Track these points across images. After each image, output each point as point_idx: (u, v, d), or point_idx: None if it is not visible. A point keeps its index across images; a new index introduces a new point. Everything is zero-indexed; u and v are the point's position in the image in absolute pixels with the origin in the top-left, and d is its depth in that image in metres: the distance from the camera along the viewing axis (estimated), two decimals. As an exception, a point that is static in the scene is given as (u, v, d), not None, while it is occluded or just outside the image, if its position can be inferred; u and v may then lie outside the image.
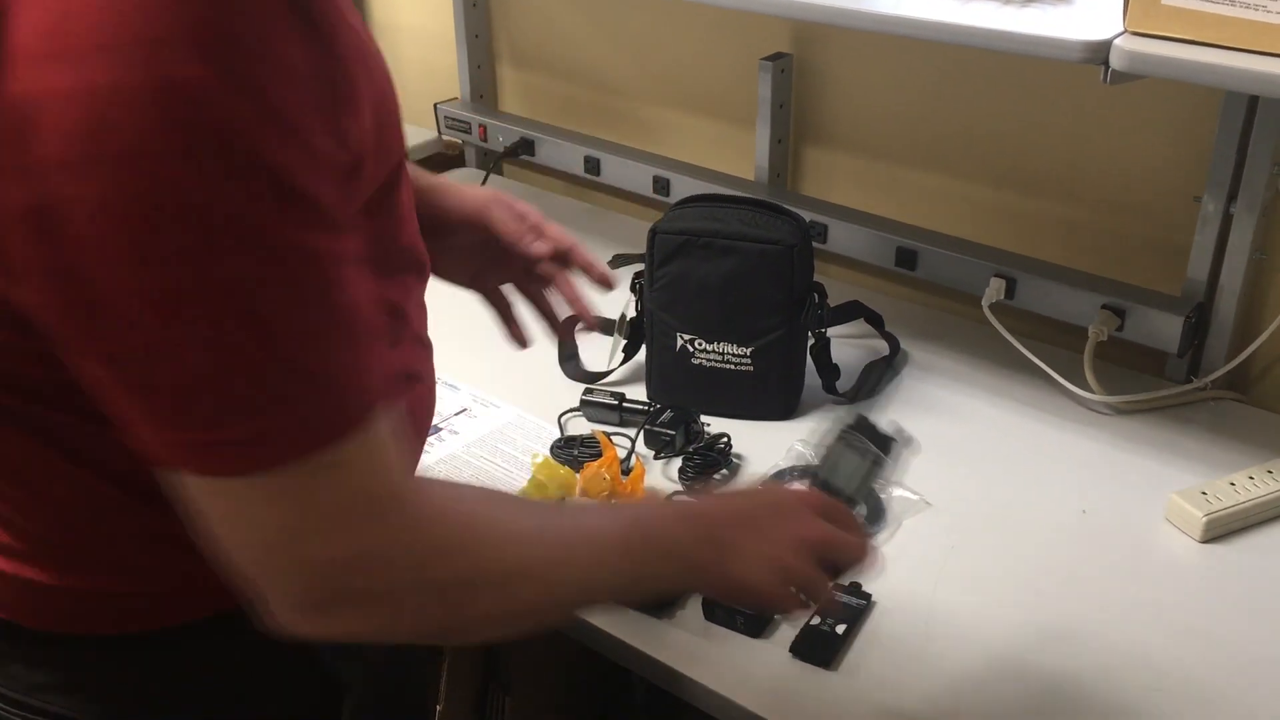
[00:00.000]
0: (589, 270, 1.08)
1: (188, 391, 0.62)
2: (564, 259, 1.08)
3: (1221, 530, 1.19)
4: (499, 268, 1.10)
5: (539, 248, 1.06)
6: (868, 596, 1.09)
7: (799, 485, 0.96)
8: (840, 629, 1.04)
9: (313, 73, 0.61)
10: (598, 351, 1.49)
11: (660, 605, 1.09)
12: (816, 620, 1.05)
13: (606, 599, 0.86)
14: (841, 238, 1.64)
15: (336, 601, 0.68)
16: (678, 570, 0.83)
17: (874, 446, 0.95)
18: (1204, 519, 1.18)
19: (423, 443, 0.95)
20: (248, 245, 0.59)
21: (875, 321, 1.52)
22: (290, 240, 0.61)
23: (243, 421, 0.63)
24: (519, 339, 1.13)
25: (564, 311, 1.13)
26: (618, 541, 0.80)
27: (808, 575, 0.84)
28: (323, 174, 0.62)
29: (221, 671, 0.84)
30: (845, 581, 1.05)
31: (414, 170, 1.04)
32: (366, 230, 0.72)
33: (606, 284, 1.08)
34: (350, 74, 0.65)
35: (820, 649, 1.03)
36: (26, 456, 0.75)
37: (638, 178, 1.82)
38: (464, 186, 1.07)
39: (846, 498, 0.92)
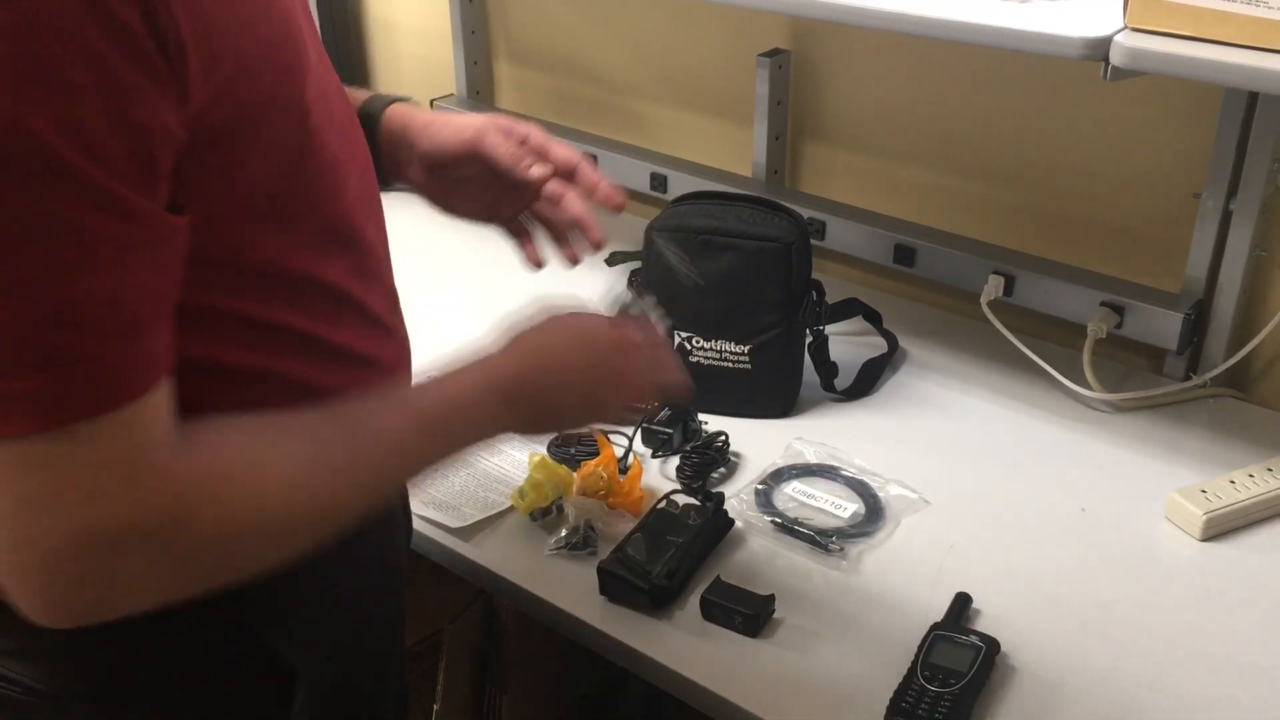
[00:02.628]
0: (593, 190, 1.03)
1: None
2: (570, 177, 1.03)
3: (1221, 528, 1.19)
4: (510, 197, 1.06)
5: (537, 171, 1.01)
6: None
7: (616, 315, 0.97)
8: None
9: (114, 57, 0.60)
10: (595, 349, 1.49)
11: (658, 603, 1.09)
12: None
13: (415, 475, 0.86)
14: (840, 235, 1.64)
15: (84, 582, 0.66)
16: (491, 432, 0.86)
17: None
18: (1203, 517, 1.18)
19: None
20: (16, 216, 0.59)
21: (873, 319, 1.52)
22: (52, 212, 0.60)
23: None
24: (533, 261, 1.09)
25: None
26: (417, 430, 0.81)
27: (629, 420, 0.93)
28: (110, 154, 0.61)
29: (171, 648, 0.83)
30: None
31: (411, 110, 1.03)
32: (269, 194, 0.72)
33: (614, 205, 1.02)
34: (200, 37, 0.64)
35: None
36: None
37: (635, 175, 1.82)
38: (461, 116, 1.03)
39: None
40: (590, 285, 1.11)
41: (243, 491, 0.71)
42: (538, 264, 1.09)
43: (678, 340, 1.36)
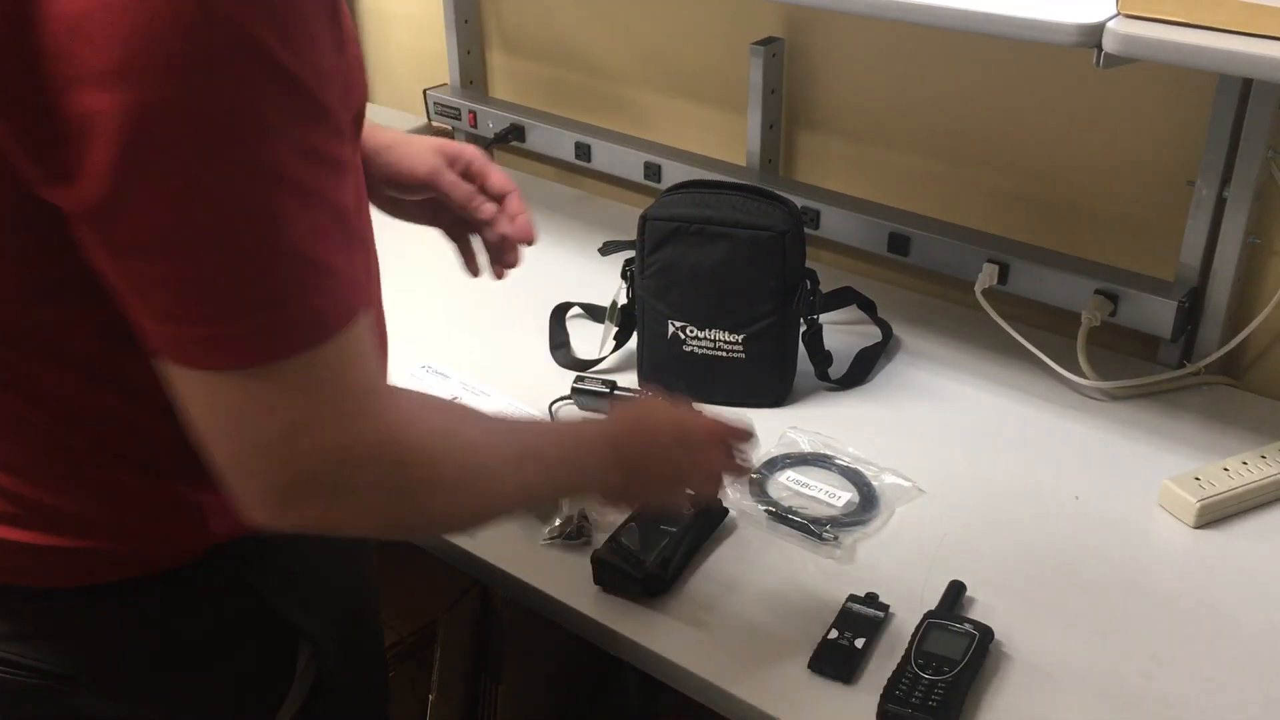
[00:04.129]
0: (513, 219, 1.12)
1: (193, 284, 0.65)
2: (500, 202, 1.13)
3: (1215, 516, 1.19)
4: (454, 217, 1.15)
5: (487, 210, 1.11)
6: (885, 608, 1.07)
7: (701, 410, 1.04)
8: (859, 642, 1.03)
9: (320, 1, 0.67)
10: (589, 339, 1.48)
11: (652, 592, 1.09)
12: (834, 634, 1.04)
13: (535, 504, 0.98)
14: (834, 224, 1.64)
15: (311, 494, 0.70)
16: (596, 482, 0.93)
17: None
18: (1197, 504, 1.18)
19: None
20: (263, 144, 0.63)
21: (868, 308, 1.52)
22: (302, 142, 0.65)
23: (245, 317, 0.65)
24: (472, 269, 1.18)
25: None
26: (556, 454, 0.89)
27: (702, 491, 1.02)
28: (331, 87, 0.67)
29: (175, 623, 0.85)
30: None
31: (371, 130, 1.07)
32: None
33: (523, 239, 1.12)
34: (343, 8, 0.71)
35: (840, 663, 1.02)
36: None
37: (629, 164, 1.81)
38: (413, 146, 1.11)
39: None
40: (585, 274, 1.11)
41: (446, 445, 0.77)
42: (475, 272, 1.17)
43: (671, 329, 1.36)
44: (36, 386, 0.76)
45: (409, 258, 1.29)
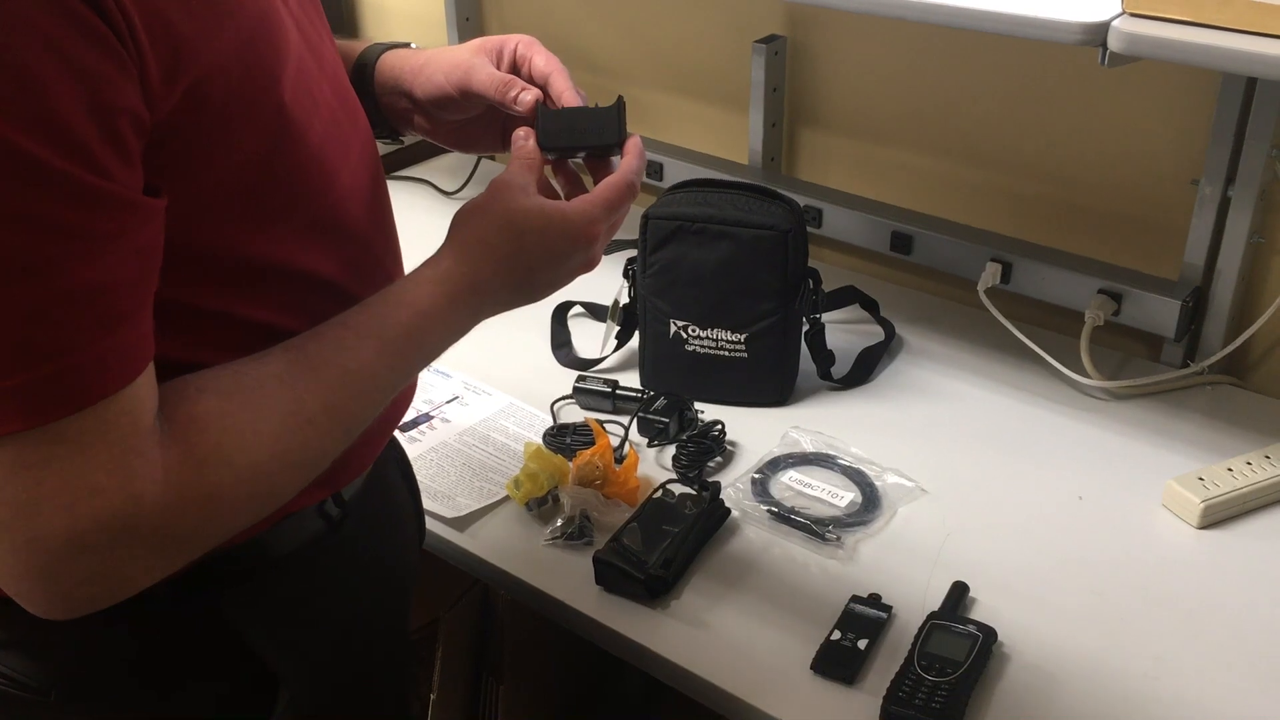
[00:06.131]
0: (558, 100, 0.97)
1: None
2: (544, 86, 0.98)
3: (1219, 516, 1.18)
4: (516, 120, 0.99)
5: (524, 100, 0.94)
6: (888, 609, 1.07)
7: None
8: (862, 644, 1.03)
9: (73, 44, 0.59)
10: (591, 338, 1.48)
11: (654, 592, 1.09)
12: (837, 635, 1.03)
13: (391, 397, 0.83)
14: (836, 222, 1.63)
15: (87, 579, 0.66)
16: (460, 336, 0.85)
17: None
18: (1201, 505, 1.17)
19: (391, 422, 0.94)
20: None
21: (870, 307, 1.52)
22: (26, 211, 0.59)
23: None
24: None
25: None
26: (390, 360, 0.79)
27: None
28: (81, 142, 0.60)
29: (148, 644, 0.83)
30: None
31: (403, 56, 0.99)
32: (244, 189, 0.71)
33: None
34: (154, 30, 0.63)
35: (843, 665, 1.01)
36: None
37: (631, 162, 1.81)
38: (450, 53, 0.98)
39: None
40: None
41: (229, 467, 0.70)
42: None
43: (673, 329, 1.35)
44: None
45: (406, 256, 1.28)
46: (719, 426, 1.29)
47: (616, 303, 1.45)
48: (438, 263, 0.83)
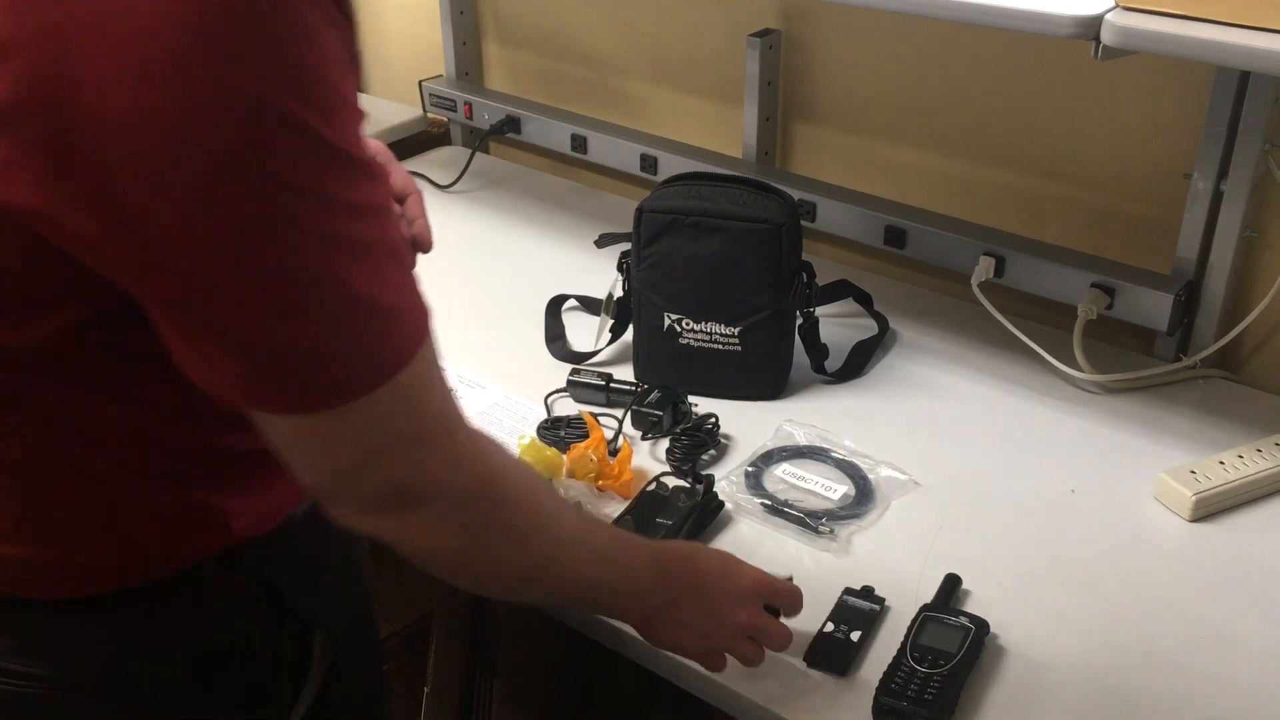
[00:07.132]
0: (410, 227, 1.05)
1: (265, 352, 0.67)
2: (400, 202, 1.06)
3: (1210, 509, 1.19)
4: None
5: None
6: (881, 601, 1.07)
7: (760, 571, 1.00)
8: (855, 635, 1.03)
9: (343, 49, 0.66)
10: (585, 332, 1.48)
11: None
12: (830, 627, 1.04)
13: (574, 595, 0.95)
14: (830, 216, 1.63)
15: (387, 509, 0.76)
16: (627, 598, 0.94)
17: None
18: (1193, 498, 1.18)
19: None
20: (317, 216, 0.65)
21: (864, 300, 1.52)
22: (349, 202, 0.66)
23: (318, 371, 0.68)
24: None
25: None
26: (603, 546, 0.91)
27: (737, 652, 0.97)
28: (360, 140, 0.68)
29: (184, 629, 0.84)
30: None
31: None
32: None
33: (421, 249, 1.05)
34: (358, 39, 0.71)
35: (835, 657, 1.02)
36: (3, 430, 0.75)
37: (625, 156, 1.81)
38: None
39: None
40: (581, 266, 1.11)
41: (515, 489, 0.82)
42: None
43: (667, 322, 1.36)
44: (55, 408, 0.74)
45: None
46: (713, 420, 1.30)
47: (610, 296, 1.45)
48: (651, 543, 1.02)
